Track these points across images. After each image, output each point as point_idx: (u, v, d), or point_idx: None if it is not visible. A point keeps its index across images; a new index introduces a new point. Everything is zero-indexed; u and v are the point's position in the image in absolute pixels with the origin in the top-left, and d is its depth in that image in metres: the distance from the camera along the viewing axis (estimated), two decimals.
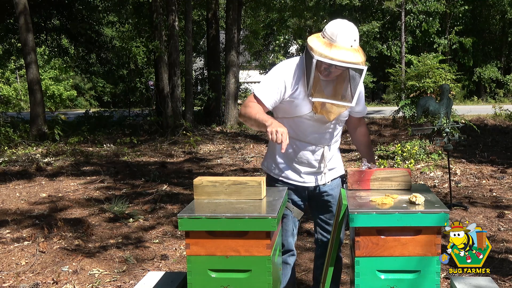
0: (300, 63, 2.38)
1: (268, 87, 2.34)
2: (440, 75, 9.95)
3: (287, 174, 2.48)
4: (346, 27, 2.23)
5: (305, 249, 4.08)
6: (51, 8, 17.10)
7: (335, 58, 2.17)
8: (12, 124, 11.76)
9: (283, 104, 2.39)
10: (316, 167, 2.47)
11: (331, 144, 2.49)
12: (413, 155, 7.47)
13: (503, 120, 12.16)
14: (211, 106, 15.76)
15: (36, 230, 4.55)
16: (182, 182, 6.72)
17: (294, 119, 2.40)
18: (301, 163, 2.46)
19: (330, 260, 2.18)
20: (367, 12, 24.97)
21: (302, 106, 2.35)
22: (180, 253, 4.01)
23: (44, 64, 28.63)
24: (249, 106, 2.35)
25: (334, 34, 2.22)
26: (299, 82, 2.33)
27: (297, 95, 2.34)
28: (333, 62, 2.18)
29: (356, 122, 2.64)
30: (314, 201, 2.57)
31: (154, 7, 12.92)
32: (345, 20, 2.28)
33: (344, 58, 2.18)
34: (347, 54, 2.19)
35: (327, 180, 2.52)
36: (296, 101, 2.35)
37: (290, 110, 2.39)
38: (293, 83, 2.33)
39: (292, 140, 2.39)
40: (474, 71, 26.74)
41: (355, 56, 2.20)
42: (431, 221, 1.88)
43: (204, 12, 19.00)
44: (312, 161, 2.45)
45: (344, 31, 2.22)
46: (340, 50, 2.19)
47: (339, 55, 2.18)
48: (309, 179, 2.49)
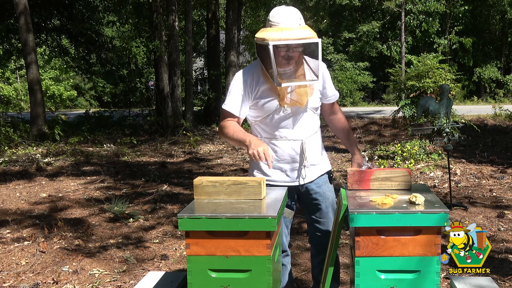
0: (254, 66, 2.44)
1: (231, 98, 2.41)
2: (440, 75, 9.95)
3: (273, 177, 2.47)
4: (288, 9, 2.31)
5: (305, 249, 4.08)
6: (51, 8, 17.10)
7: (290, 37, 2.22)
8: (12, 124, 11.76)
9: (251, 109, 2.44)
10: (298, 161, 2.46)
11: (309, 136, 2.47)
12: (413, 155, 7.47)
13: (503, 120, 12.15)
14: (211, 106, 15.76)
15: (36, 230, 4.55)
16: (182, 182, 6.72)
17: (266, 119, 2.42)
18: (284, 161, 2.46)
19: (330, 260, 2.19)
20: (367, 12, 24.99)
21: (269, 103, 2.38)
22: (180, 253, 4.01)
23: (44, 64, 28.63)
24: (224, 126, 2.42)
25: (279, 18, 2.28)
26: (258, 82, 2.38)
27: (260, 96, 2.38)
28: (289, 42, 2.22)
29: (329, 108, 2.63)
30: (304, 200, 2.57)
31: (154, 7, 12.92)
32: (283, 5, 2.37)
33: (297, 35, 2.22)
34: (298, 31, 2.24)
35: (313, 177, 2.51)
36: (261, 101, 2.39)
37: (259, 112, 2.42)
38: (253, 85, 2.38)
39: (270, 141, 2.44)
40: (474, 71, 26.75)
41: (306, 32, 2.25)
42: (431, 221, 1.88)
43: (204, 12, 19.01)
44: (294, 155, 2.45)
45: (287, 13, 2.29)
46: (291, 30, 2.23)
47: (291, 34, 2.22)
48: (295, 175, 2.47)
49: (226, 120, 2.43)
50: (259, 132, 2.49)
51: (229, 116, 2.43)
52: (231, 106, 2.40)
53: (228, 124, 2.41)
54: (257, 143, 2.25)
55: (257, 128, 2.49)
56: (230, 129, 2.38)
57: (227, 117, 2.44)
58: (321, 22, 20.02)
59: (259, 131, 2.48)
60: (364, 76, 26.36)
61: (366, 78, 26.28)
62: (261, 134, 2.48)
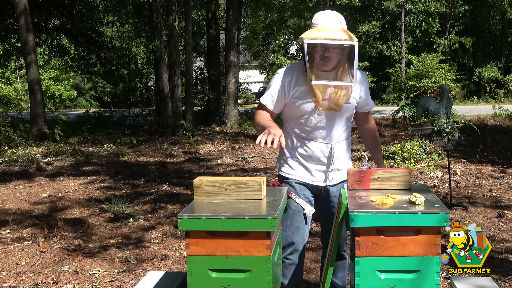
0: (296, 65, 2.49)
1: (269, 92, 2.50)
2: (440, 75, 9.96)
3: (299, 173, 2.52)
4: (329, 12, 2.37)
5: (305, 249, 4.07)
6: (51, 8, 17.10)
7: (324, 37, 2.25)
8: (12, 124, 11.77)
9: (287, 107, 2.49)
10: (325, 164, 2.50)
11: (340, 141, 2.51)
12: (413, 155, 7.47)
13: (503, 120, 12.16)
14: (211, 106, 15.76)
15: (36, 230, 4.56)
16: (182, 182, 6.72)
17: (300, 119, 2.46)
18: (311, 161, 2.50)
19: (330, 260, 2.18)
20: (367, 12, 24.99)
21: (305, 105, 2.42)
22: (180, 253, 4.01)
23: (44, 64, 28.64)
24: (257, 113, 2.55)
25: (319, 20, 2.34)
26: (298, 83, 2.42)
27: (298, 95, 2.42)
28: (322, 41, 2.26)
29: (363, 117, 2.67)
30: (321, 201, 2.60)
31: (154, 7, 12.92)
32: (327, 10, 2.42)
33: (332, 36, 2.26)
34: (335, 33, 2.28)
35: (336, 181, 2.54)
36: (298, 102, 2.42)
37: (294, 111, 2.47)
38: (292, 84, 2.43)
39: (301, 140, 2.49)
40: (474, 71, 26.75)
41: (342, 34, 2.29)
42: (431, 221, 1.88)
43: (204, 12, 19.01)
44: (322, 158, 2.49)
45: (327, 16, 2.34)
46: (327, 31, 2.28)
47: (327, 35, 2.26)
48: (320, 177, 2.52)
49: (259, 110, 2.54)
50: (291, 129, 2.53)
51: (263, 109, 2.53)
52: (266, 100, 2.50)
53: (260, 112, 2.52)
54: (274, 127, 2.28)
55: (290, 125, 2.54)
56: (259, 116, 2.50)
57: (261, 108, 2.54)
58: None
59: (292, 128, 2.52)
60: None
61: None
62: (294, 132, 2.52)
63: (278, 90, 2.46)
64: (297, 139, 2.50)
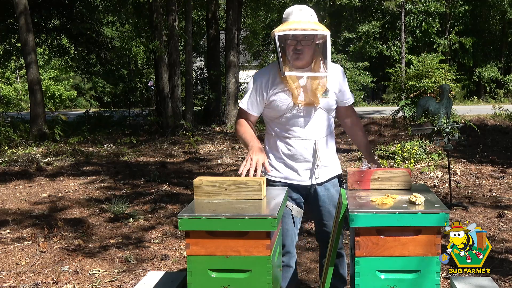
0: (272, 65, 2.48)
1: (247, 96, 2.50)
2: (440, 75, 9.96)
3: (285, 174, 2.49)
4: (300, 6, 2.38)
5: (305, 249, 4.08)
6: (51, 8, 17.10)
7: (294, 28, 2.26)
8: (12, 124, 11.77)
9: (267, 108, 2.48)
10: (311, 162, 2.47)
11: (323, 137, 2.49)
12: (413, 155, 7.47)
13: (503, 120, 12.15)
14: (211, 106, 15.76)
15: (36, 230, 4.55)
16: (182, 182, 6.72)
17: (281, 118, 2.45)
18: (296, 160, 2.48)
19: (330, 260, 2.18)
20: (367, 12, 25.00)
21: (283, 102, 2.41)
22: (180, 253, 4.01)
23: (44, 64, 28.65)
24: (238, 123, 2.55)
25: (289, 13, 2.37)
26: (274, 82, 2.42)
27: (275, 94, 2.42)
28: (293, 32, 2.27)
29: (345, 111, 2.64)
30: (311, 200, 2.58)
31: (154, 7, 12.92)
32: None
33: (301, 26, 2.27)
34: (305, 24, 2.28)
35: (324, 178, 2.51)
36: (276, 100, 2.42)
37: (274, 111, 2.45)
38: (269, 84, 2.43)
39: (284, 140, 2.47)
40: (474, 71, 26.77)
41: (314, 25, 2.29)
42: (431, 221, 1.88)
43: (204, 12, 19.01)
44: (306, 155, 2.46)
45: (298, 8, 2.36)
46: (298, 23, 2.29)
47: (296, 25, 2.27)
48: (306, 175, 2.49)
49: (241, 118, 2.54)
50: (274, 131, 2.51)
51: (244, 114, 2.53)
52: (246, 105, 2.50)
53: (242, 123, 2.53)
54: (255, 151, 2.31)
55: (272, 126, 2.52)
56: (242, 128, 2.51)
57: (242, 114, 2.54)
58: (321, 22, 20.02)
59: (274, 129, 2.51)
60: (364, 76, 26.36)
61: (366, 78, 26.28)
62: (276, 133, 2.50)
63: (256, 93, 2.45)
64: (280, 140, 2.48)
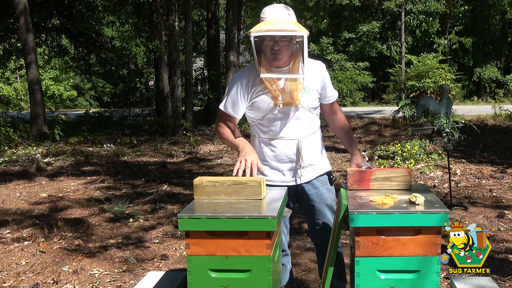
0: (251, 67, 2.45)
1: (228, 98, 2.45)
2: (440, 75, 9.95)
3: (271, 176, 2.47)
4: (277, 5, 2.34)
5: (305, 249, 4.08)
6: (51, 8, 17.09)
7: (270, 29, 2.23)
8: (12, 124, 11.76)
9: (249, 110, 2.47)
10: (295, 161, 2.46)
11: (306, 136, 2.47)
12: (413, 155, 7.47)
13: (503, 120, 12.15)
14: (211, 106, 15.75)
15: (36, 230, 4.55)
16: (182, 182, 6.72)
17: (263, 119, 2.43)
18: (281, 161, 2.46)
19: (330, 260, 2.19)
20: (367, 12, 25.00)
21: (264, 103, 2.39)
22: (180, 253, 4.01)
23: (44, 64, 28.64)
24: (220, 125, 2.50)
25: (266, 13, 2.31)
26: (254, 83, 2.39)
27: (255, 95, 2.40)
28: (269, 33, 2.23)
29: (329, 108, 2.62)
30: (301, 200, 2.57)
31: (154, 7, 12.92)
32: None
33: (277, 27, 2.23)
34: (282, 25, 2.24)
35: (310, 177, 2.50)
36: (257, 101, 2.40)
37: (255, 112, 2.44)
38: (250, 85, 2.40)
39: (268, 141, 2.46)
40: (474, 71, 26.76)
41: (291, 26, 2.26)
42: (431, 221, 1.88)
43: (204, 12, 19.01)
44: (291, 155, 2.45)
45: (275, 9, 2.31)
46: (275, 23, 2.25)
47: (274, 27, 2.23)
48: (291, 175, 2.47)
49: (222, 120, 2.50)
50: (257, 132, 2.50)
51: (225, 116, 2.48)
52: (227, 107, 2.46)
53: (223, 126, 2.48)
54: (248, 151, 2.31)
55: (255, 128, 2.50)
56: (225, 131, 2.47)
57: (222, 116, 2.49)
58: (321, 22, 20.01)
59: (257, 131, 2.50)
60: (364, 76, 26.37)
61: (366, 78, 26.29)
62: (259, 134, 2.49)
63: (237, 94, 2.41)
64: (263, 142, 2.47)
